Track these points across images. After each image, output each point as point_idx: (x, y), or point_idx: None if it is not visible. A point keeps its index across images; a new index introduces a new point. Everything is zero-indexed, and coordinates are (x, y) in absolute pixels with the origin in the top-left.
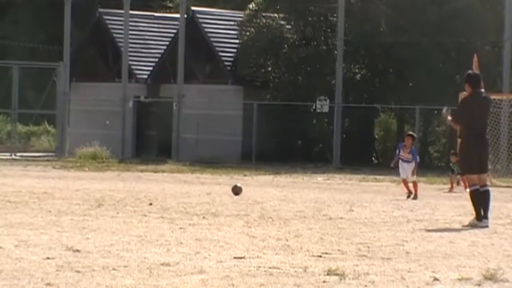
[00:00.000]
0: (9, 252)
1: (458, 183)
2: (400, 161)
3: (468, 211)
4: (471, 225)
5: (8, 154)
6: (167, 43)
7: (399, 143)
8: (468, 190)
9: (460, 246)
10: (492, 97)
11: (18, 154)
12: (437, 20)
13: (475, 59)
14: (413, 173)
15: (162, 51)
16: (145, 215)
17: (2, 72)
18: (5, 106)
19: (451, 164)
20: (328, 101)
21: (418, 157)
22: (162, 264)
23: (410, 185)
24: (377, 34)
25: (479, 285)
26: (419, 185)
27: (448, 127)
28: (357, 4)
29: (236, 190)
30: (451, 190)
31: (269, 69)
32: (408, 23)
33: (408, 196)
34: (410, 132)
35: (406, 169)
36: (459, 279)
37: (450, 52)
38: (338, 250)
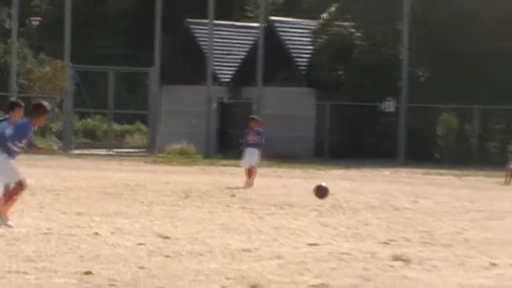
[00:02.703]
0: (106, 239)
1: None
2: (246, 148)
3: None
4: None
5: (105, 150)
6: (248, 49)
7: (245, 131)
8: None
9: None
10: None
11: (114, 150)
12: (494, 28)
13: None
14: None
15: (243, 56)
16: (228, 206)
17: (100, 77)
18: (103, 106)
19: (508, 154)
20: (394, 101)
21: (263, 138)
22: (243, 250)
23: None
24: (439, 40)
25: None
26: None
27: None
28: (420, 12)
29: (321, 192)
30: (507, 182)
31: (340, 73)
32: (468, 30)
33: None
34: (253, 116)
35: (251, 155)
36: None
37: (505, 57)
38: (404, 237)
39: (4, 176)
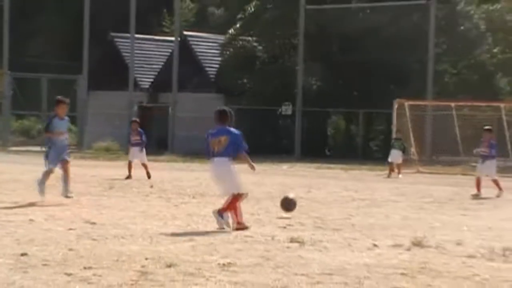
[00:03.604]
0: (40, 224)
1: (394, 170)
2: (131, 147)
3: (400, 192)
4: None
5: (39, 147)
6: (164, 60)
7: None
8: (400, 176)
9: (394, 219)
10: (419, 103)
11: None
12: (376, 43)
13: None
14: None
15: (160, 66)
16: (147, 196)
17: (34, 83)
18: (36, 109)
19: (393, 141)
20: (291, 106)
21: (144, 137)
22: (160, 234)
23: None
24: (329, 53)
25: (409, 250)
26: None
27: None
28: (313, 30)
29: (288, 206)
30: (389, 176)
31: (245, 81)
32: (352, 45)
33: (127, 178)
34: (134, 119)
35: (135, 153)
36: (393, 245)
37: (386, 67)
38: (299, 222)
39: (232, 184)
